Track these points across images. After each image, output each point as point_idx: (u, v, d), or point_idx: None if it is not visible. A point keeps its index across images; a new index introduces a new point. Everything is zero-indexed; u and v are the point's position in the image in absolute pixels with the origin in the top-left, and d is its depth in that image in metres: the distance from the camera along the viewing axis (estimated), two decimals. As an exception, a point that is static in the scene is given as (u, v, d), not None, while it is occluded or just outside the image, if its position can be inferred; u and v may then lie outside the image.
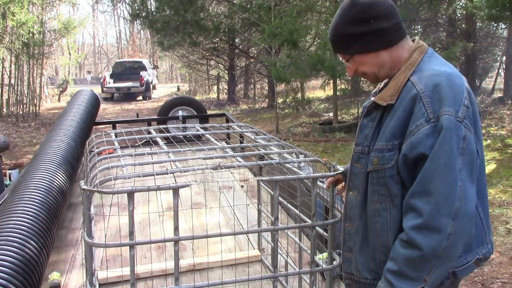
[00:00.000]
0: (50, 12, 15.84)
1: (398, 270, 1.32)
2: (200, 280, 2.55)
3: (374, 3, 1.38)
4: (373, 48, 1.41)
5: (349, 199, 1.52)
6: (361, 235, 1.48)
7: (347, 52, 1.46)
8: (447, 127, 1.25)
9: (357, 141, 1.49)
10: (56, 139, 3.94)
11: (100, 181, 1.78)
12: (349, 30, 1.41)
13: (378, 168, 1.38)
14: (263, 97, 17.98)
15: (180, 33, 14.50)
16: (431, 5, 9.95)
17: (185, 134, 2.63)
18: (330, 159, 6.66)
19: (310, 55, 9.76)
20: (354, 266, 1.53)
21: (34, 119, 13.27)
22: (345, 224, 1.55)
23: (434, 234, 1.26)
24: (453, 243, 1.27)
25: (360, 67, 1.47)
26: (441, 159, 1.25)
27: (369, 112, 1.47)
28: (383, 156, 1.37)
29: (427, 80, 1.32)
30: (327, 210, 2.26)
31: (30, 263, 2.20)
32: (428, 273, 1.30)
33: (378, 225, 1.41)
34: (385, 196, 1.39)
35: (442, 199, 1.25)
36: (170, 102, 7.17)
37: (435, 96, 1.29)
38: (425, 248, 1.26)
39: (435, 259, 1.28)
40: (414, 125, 1.30)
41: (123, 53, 35.09)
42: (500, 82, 14.74)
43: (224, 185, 4.08)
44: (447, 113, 1.26)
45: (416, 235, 1.27)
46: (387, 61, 1.43)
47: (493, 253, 1.88)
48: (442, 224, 1.25)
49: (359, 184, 1.47)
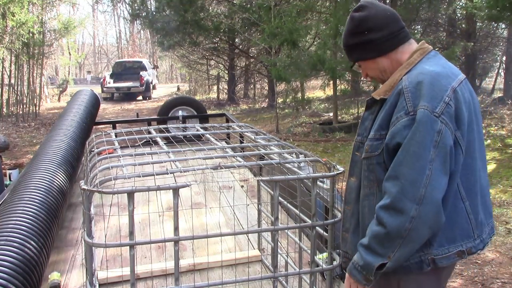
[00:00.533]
0: (50, 12, 15.86)
1: (368, 244, 1.46)
2: (200, 280, 2.55)
3: (367, 17, 1.56)
4: (369, 56, 1.60)
5: (349, 184, 1.66)
6: (356, 218, 1.62)
7: (350, 59, 1.66)
8: (420, 120, 1.38)
9: (358, 132, 1.64)
10: (56, 139, 3.94)
11: (100, 181, 1.78)
12: (348, 42, 1.63)
13: (368, 156, 1.52)
14: (263, 97, 17.98)
15: (180, 33, 14.51)
16: (431, 5, 9.95)
17: (185, 134, 2.63)
18: (330, 159, 6.66)
19: (310, 55, 9.76)
20: (348, 246, 1.67)
21: (34, 119, 13.28)
22: (345, 207, 1.69)
23: (398, 215, 1.38)
24: (416, 227, 1.37)
25: (367, 72, 1.66)
26: (410, 148, 1.38)
27: (369, 106, 1.62)
28: (372, 144, 1.51)
29: (413, 78, 1.46)
30: (327, 210, 2.26)
31: (30, 263, 2.20)
32: (392, 250, 1.41)
33: (366, 208, 1.55)
34: (373, 181, 1.52)
35: (408, 184, 1.37)
36: (170, 102, 7.17)
37: (416, 92, 1.42)
38: (389, 227, 1.39)
39: (399, 239, 1.39)
40: (395, 117, 1.44)
41: (123, 53, 35.08)
42: (500, 82, 14.75)
43: (224, 185, 4.08)
44: (423, 107, 1.39)
45: (384, 214, 1.41)
46: (387, 65, 1.59)
47: (484, 250, 1.90)
48: (406, 207, 1.37)
49: (358, 171, 1.60)
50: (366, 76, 1.67)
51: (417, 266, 1.50)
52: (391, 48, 1.57)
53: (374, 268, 1.44)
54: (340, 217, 2.01)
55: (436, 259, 1.48)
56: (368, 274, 1.46)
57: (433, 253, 1.48)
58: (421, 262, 1.49)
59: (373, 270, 1.44)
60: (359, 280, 1.49)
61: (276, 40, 9.77)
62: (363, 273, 1.47)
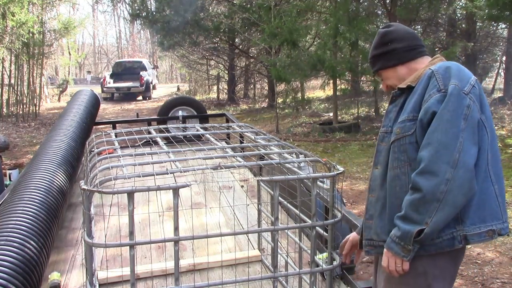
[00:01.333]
0: (50, 12, 15.85)
1: (404, 214, 1.51)
2: (200, 280, 2.55)
3: (391, 31, 1.77)
4: (390, 64, 1.75)
5: (374, 173, 1.74)
6: (381, 203, 1.67)
7: (374, 68, 1.82)
8: (452, 93, 1.50)
9: (383, 124, 1.74)
10: (56, 139, 3.94)
11: (100, 181, 1.78)
12: (373, 53, 1.81)
13: (400, 137, 1.60)
14: (263, 97, 17.98)
15: (180, 33, 14.50)
16: (431, 5, 9.94)
17: (185, 134, 2.63)
18: (330, 159, 6.66)
19: (310, 55, 9.76)
20: (373, 231, 1.70)
21: (34, 119, 13.27)
22: (369, 195, 1.75)
23: (433, 177, 1.45)
24: (451, 189, 1.44)
25: (387, 82, 1.80)
26: (444, 116, 1.48)
27: (393, 100, 1.73)
28: (404, 125, 1.60)
29: (441, 65, 1.62)
30: (327, 210, 2.26)
31: (30, 263, 2.20)
32: (429, 216, 1.46)
33: (397, 188, 1.60)
34: (404, 161, 1.59)
35: (441, 148, 1.46)
36: (170, 102, 7.17)
37: (446, 75, 1.55)
38: (424, 189, 1.46)
39: (435, 202, 1.45)
40: (428, 95, 1.55)
41: (123, 53, 35.08)
42: (500, 82, 14.74)
43: (224, 185, 4.08)
44: (454, 83, 1.52)
45: (419, 179, 1.48)
46: (405, 73, 1.73)
47: (509, 233, 1.94)
48: (440, 169, 1.44)
49: (382, 159, 1.69)
50: (387, 88, 1.81)
51: (448, 243, 1.54)
52: (410, 58, 1.73)
53: (413, 235, 1.48)
54: (340, 217, 2.02)
55: (468, 235, 1.53)
56: (406, 243, 1.50)
57: (465, 230, 1.53)
58: (453, 238, 1.53)
59: (411, 238, 1.48)
60: (397, 253, 1.53)
61: (276, 40, 9.76)
62: (401, 244, 1.51)
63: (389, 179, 1.63)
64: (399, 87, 1.71)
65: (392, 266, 1.56)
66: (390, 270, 1.58)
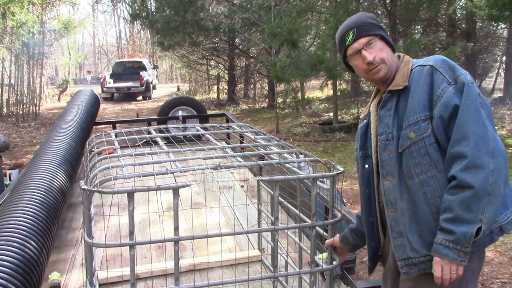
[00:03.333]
0: (50, 12, 15.83)
1: (454, 216, 1.41)
2: (200, 280, 2.55)
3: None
4: (390, 41, 1.64)
5: (386, 185, 1.61)
6: (407, 215, 1.54)
7: (372, 32, 1.62)
8: (467, 83, 1.46)
9: (380, 132, 1.62)
10: (56, 139, 3.94)
11: (100, 181, 1.78)
12: (371, 21, 1.64)
13: (416, 140, 1.51)
14: (263, 97, 17.97)
15: (180, 33, 14.49)
16: (431, 5, 9.93)
17: (185, 134, 2.63)
18: (330, 159, 6.66)
19: (309, 55, 9.76)
20: (409, 248, 1.55)
21: (34, 119, 13.27)
22: (388, 212, 1.62)
23: (480, 171, 1.39)
24: (496, 180, 1.39)
25: (379, 53, 1.61)
26: (470, 107, 1.43)
27: (385, 104, 1.62)
28: (419, 127, 1.50)
29: (433, 58, 1.56)
30: (327, 210, 2.26)
31: (30, 263, 2.20)
32: (482, 212, 1.39)
33: (428, 194, 1.50)
34: (428, 165, 1.49)
35: (480, 139, 1.40)
36: (170, 102, 7.17)
37: (446, 67, 1.51)
38: (476, 185, 1.38)
39: (486, 196, 1.38)
40: (440, 90, 1.48)
41: (123, 53, 35.03)
42: (500, 82, 14.73)
43: (224, 185, 4.08)
44: (462, 74, 1.49)
45: (466, 175, 1.39)
46: (391, 58, 1.63)
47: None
48: (485, 161, 1.39)
49: (392, 169, 1.58)
50: (373, 59, 1.60)
51: (489, 238, 1.49)
52: (394, 49, 1.68)
53: (472, 236, 1.39)
54: (340, 217, 2.01)
55: (503, 225, 1.50)
56: (464, 247, 1.40)
57: (498, 221, 1.49)
58: (491, 232, 1.48)
59: (470, 239, 1.39)
60: (454, 259, 1.42)
61: (276, 40, 9.76)
62: (457, 248, 1.40)
63: (414, 188, 1.51)
64: (390, 89, 1.60)
65: (447, 274, 1.44)
66: (444, 280, 1.45)
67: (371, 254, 1.79)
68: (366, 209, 1.76)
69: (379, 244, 1.76)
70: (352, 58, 1.65)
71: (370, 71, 1.62)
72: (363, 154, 1.74)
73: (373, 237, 1.77)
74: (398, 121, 1.57)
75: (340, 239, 1.97)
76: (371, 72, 1.62)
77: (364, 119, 1.76)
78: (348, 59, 1.68)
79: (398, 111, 1.57)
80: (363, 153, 1.74)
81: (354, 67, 1.68)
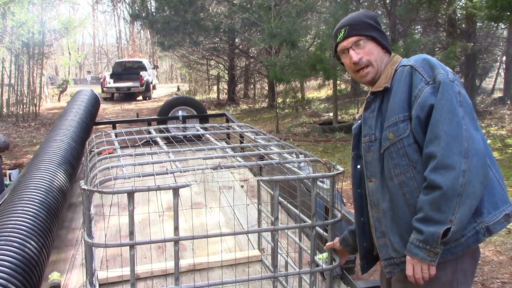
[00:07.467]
0: (50, 12, 15.83)
1: (424, 216, 1.41)
2: (200, 280, 2.55)
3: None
4: (385, 44, 1.64)
5: (370, 187, 1.63)
6: (389, 216, 1.56)
7: (364, 33, 1.62)
8: (444, 82, 1.44)
9: (364, 133, 1.63)
10: (56, 139, 3.94)
11: (100, 181, 1.78)
12: (367, 21, 1.64)
13: (395, 141, 1.51)
14: (263, 97, 17.98)
15: (180, 33, 14.50)
16: (431, 5, 9.93)
17: (185, 134, 2.63)
18: (330, 159, 6.65)
19: (309, 55, 9.76)
20: (391, 249, 1.56)
21: (34, 119, 13.27)
22: (372, 212, 1.64)
23: (449, 172, 1.37)
24: (469, 180, 1.37)
25: (366, 55, 1.62)
26: (444, 106, 1.41)
27: (368, 105, 1.63)
28: (397, 128, 1.50)
29: (415, 58, 1.55)
30: (327, 210, 2.26)
31: (30, 263, 2.20)
32: (452, 212, 1.38)
33: (407, 195, 1.50)
34: (407, 165, 1.49)
35: (451, 139, 1.38)
36: (170, 102, 7.17)
37: (426, 66, 1.50)
38: (444, 185, 1.37)
39: (456, 196, 1.37)
40: (417, 90, 1.48)
41: (123, 53, 35.02)
42: (500, 82, 14.75)
43: (224, 185, 4.08)
44: (440, 73, 1.47)
45: (435, 176, 1.39)
46: (380, 60, 1.62)
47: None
48: (455, 162, 1.37)
49: (375, 170, 1.59)
50: (359, 60, 1.62)
51: (474, 239, 1.47)
52: (390, 51, 1.67)
53: (439, 236, 1.38)
54: (340, 217, 2.02)
55: (490, 225, 1.48)
56: (432, 247, 1.40)
57: (485, 221, 1.47)
58: (477, 233, 1.47)
59: (438, 239, 1.38)
60: (423, 258, 1.42)
61: (275, 40, 9.76)
62: (426, 248, 1.41)
63: (394, 189, 1.52)
64: (372, 91, 1.61)
65: (419, 274, 1.45)
66: (416, 278, 1.46)
67: (362, 253, 1.79)
68: (357, 209, 1.77)
69: (372, 244, 1.76)
70: (341, 55, 1.69)
71: (358, 72, 1.65)
72: (355, 155, 1.75)
73: (364, 237, 1.77)
74: (381, 122, 1.57)
75: (339, 241, 1.97)
76: (359, 74, 1.65)
77: (358, 119, 1.76)
78: (339, 55, 1.72)
79: (381, 112, 1.57)
80: (356, 154, 1.74)
81: (344, 64, 1.71)
